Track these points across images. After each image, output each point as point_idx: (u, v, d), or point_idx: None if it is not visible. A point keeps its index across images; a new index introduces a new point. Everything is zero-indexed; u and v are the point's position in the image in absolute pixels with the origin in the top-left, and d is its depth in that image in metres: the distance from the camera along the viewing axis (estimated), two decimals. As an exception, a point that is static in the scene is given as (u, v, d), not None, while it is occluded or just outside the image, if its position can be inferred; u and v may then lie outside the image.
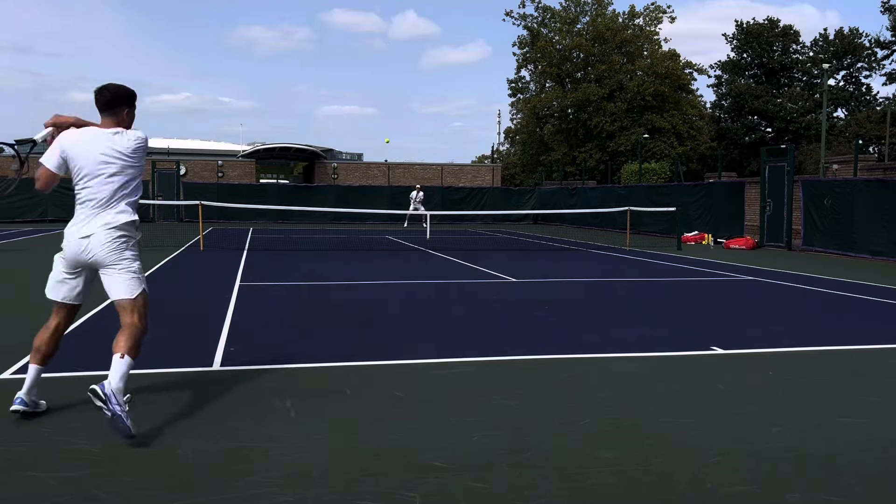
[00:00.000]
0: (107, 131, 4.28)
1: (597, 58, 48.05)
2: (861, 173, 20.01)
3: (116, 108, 4.34)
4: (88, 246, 4.16)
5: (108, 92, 4.31)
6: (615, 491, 3.39)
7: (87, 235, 4.16)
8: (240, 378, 5.37)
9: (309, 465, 3.64)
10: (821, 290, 10.92)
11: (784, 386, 5.28)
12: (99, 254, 4.16)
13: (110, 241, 4.17)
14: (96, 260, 4.18)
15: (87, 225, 4.19)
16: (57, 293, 4.33)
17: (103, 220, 4.18)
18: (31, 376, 4.29)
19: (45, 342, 4.35)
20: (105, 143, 4.23)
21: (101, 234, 4.15)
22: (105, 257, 4.17)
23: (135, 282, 4.26)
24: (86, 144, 4.23)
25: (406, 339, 6.93)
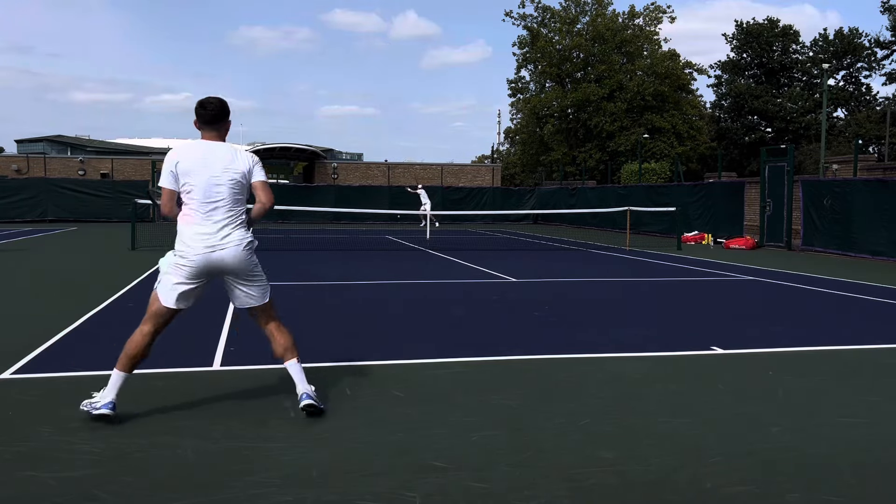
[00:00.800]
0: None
1: (597, 58, 48.05)
2: (861, 173, 20.01)
3: (223, 121, 4.44)
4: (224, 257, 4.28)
5: (214, 105, 4.39)
6: (615, 491, 3.39)
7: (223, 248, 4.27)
8: (240, 378, 5.37)
9: (309, 465, 3.64)
10: (821, 290, 10.92)
11: (784, 386, 5.28)
12: (235, 264, 4.32)
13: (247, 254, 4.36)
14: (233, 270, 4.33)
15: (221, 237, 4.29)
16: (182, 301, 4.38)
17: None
18: (120, 383, 4.29)
19: (144, 349, 4.39)
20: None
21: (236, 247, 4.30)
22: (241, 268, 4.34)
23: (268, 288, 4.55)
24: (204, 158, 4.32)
25: (406, 339, 6.93)
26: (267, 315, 4.50)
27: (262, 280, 4.47)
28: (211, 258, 4.23)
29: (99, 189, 32.59)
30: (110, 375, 4.36)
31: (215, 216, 4.27)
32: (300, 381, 4.39)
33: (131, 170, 38.83)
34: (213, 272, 4.29)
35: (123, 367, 4.31)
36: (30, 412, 4.46)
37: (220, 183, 4.27)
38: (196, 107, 4.39)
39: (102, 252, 16.35)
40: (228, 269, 4.29)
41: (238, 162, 4.36)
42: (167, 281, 4.33)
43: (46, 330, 6.90)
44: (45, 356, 5.94)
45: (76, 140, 66.44)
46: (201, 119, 4.38)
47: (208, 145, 4.36)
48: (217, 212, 4.27)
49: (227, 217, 4.29)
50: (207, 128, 4.40)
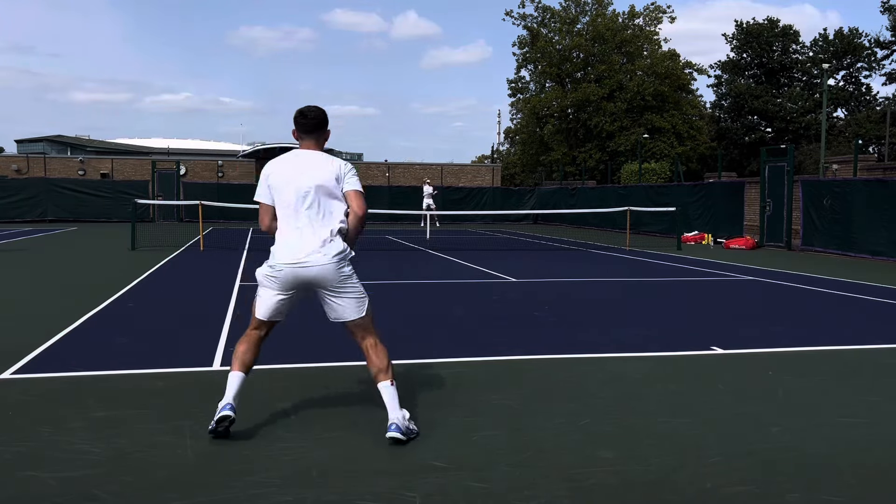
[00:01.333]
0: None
1: (597, 58, 48.04)
2: (861, 173, 20.01)
3: (322, 130, 4.32)
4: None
5: (315, 115, 4.27)
6: (615, 491, 3.39)
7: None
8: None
9: (309, 465, 3.64)
10: (821, 290, 10.92)
11: (784, 386, 5.28)
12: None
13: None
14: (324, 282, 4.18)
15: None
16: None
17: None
18: (232, 383, 4.14)
19: (246, 353, 4.26)
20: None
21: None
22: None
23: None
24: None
25: (406, 339, 6.93)
26: (363, 331, 4.28)
27: (357, 293, 4.24)
28: (298, 272, 4.09)
29: (99, 189, 32.59)
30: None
31: (303, 227, 4.12)
32: (391, 408, 4.10)
33: (131, 170, 38.81)
34: (302, 285, 4.15)
35: (233, 367, 4.19)
36: (30, 412, 4.46)
37: (308, 193, 4.12)
38: (296, 115, 4.26)
39: (102, 252, 16.35)
40: (316, 281, 4.12)
41: (327, 171, 4.16)
42: (261, 293, 4.25)
43: (46, 330, 6.91)
44: (45, 356, 5.94)
45: (76, 140, 66.47)
46: (301, 128, 4.26)
47: (301, 155, 4.24)
48: (304, 222, 4.12)
49: (316, 228, 4.12)
50: (306, 137, 4.26)
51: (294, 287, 4.17)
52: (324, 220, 4.15)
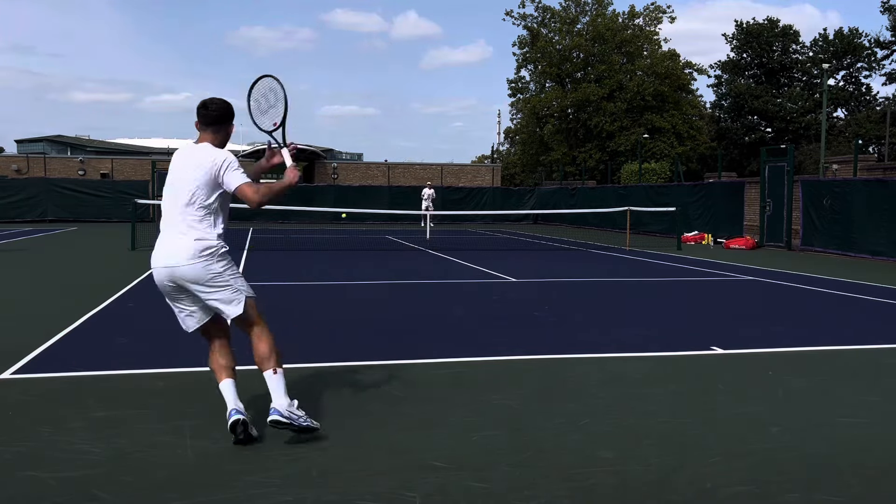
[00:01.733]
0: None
1: (597, 58, 48.03)
2: (861, 173, 20.01)
3: (223, 123, 4.19)
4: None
5: (217, 106, 4.16)
6: (615, 491, 3.39)
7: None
8: (239, 378, 5.35)
9: (309, 465, 3.64)
10: (821, 290, 10.91)
11: (784, 386, 5.27)
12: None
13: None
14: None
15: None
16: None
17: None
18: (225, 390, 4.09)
19: (211, 362, 4.24)
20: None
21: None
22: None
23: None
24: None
25: (405, 339, 6.93)
26: (246, 324, 4.12)
27: (231, 289, 4.04)
28: (169, 272, 3.99)
29: (99, 189, 32.60)
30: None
31: (172, 226, 4.03)
32: (275, 396, 3.97)
33: (131, 170, 38.82)
34: (178, 285, 4.01)
35: (219, 378, 4.15)
36: (30, 412, 4.46)
37: (181, 190, 4.00)
38: (198, 106, 4.15)
39: (102, 252, 16.35)
40: (188, 281, 3.97)
41: (204, 167, 3.98)
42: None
43: (46, 330, 6.90)
44: (45, 356, 5.94)
45: (76, 140, 66.49)
46: (201, 120, 4.15)
47: (188, 150, 4.11)
48: (174, 220, 4.03)
49: (183, 226, 3.99)
50: (204, 129, 4.15)
51: (174, 288, 4.04)
52: (193, 219, 3.99)
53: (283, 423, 3.89)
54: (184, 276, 3.97)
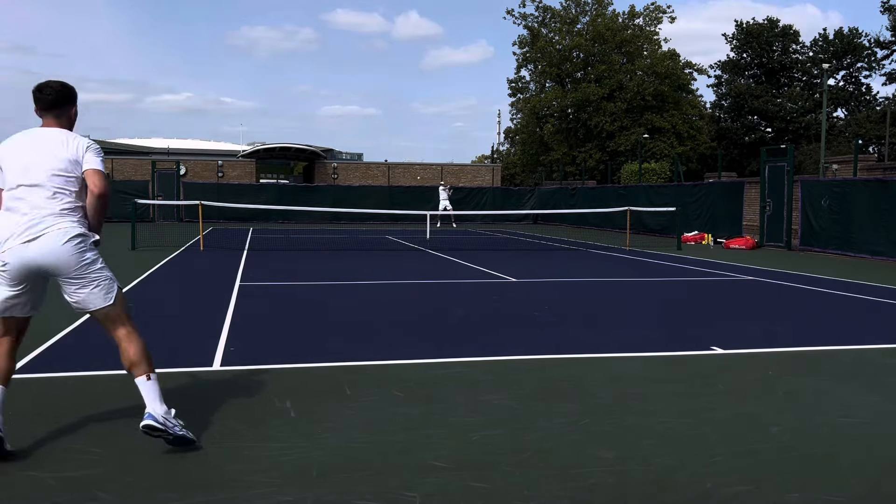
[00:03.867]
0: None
1: (597, 58, 48.04)
2: (861, 173, 20.00)
3: (64, 106, 3.96)
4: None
5: (52, 89, 3.92)
6: (615, 491, 3.39)
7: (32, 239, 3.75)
8: (240, 378, 5.37)
9: (309, 465, 3.64)
10: (821, 290, 10.91)
11: (784, 386, 5.28)
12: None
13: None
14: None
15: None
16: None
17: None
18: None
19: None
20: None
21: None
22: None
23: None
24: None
25: (406, 338, 6.93)
26: (111, 322, 3.90)
27: (100, 280, 3.87)
28: (25, 259, 3.70)
29: (99, 189, 32.55)
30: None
31: (31, 211, 3.75)
32: (148, 402, 3.79)
33: (131, 170, 38.83)
34: (34, 273, 3.75)
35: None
36: (30, 412, 4.46)
37: (38, 173, 3.77)
38: (34, 91, 3.90)
39: (102, 252, 16.31)
40: (50, 269, 3.74)
41: (62, 150, 3.83)
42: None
43: (46, 330, 6.90)
44: (45, 356, 5.94)
45: (76, 140, 66.29)
46: (38, 104, 3.90)
47: (35, 133, 3.91)
48: (34, 205, 3.76)
49: (46, 211, 3.75)
50: (45, 114, 3.93)
51: (26, 278, 3.76)
52: (56, 203, 3.79)
53: (157, 428, 3.71)
54: (48, 263, 3.77)
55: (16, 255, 3.71)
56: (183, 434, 3.80)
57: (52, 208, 3.78)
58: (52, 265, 3.75)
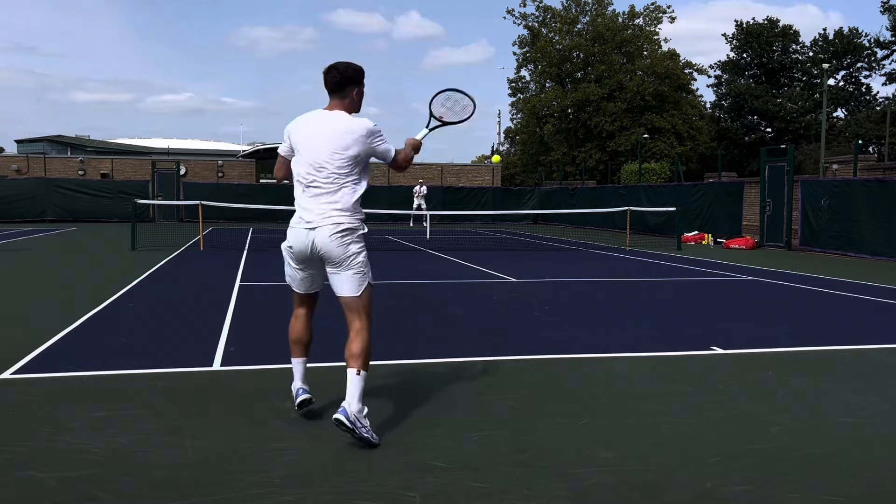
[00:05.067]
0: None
1: (597, 58, 48.03)
2: (861, 173, 20.01)
3: (346, 88, 4.17)
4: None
5: (337, 71, 4.14)
6: (615, 491, 3.39)
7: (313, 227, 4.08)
8: (240, 378, 5.37)
9: (309, 465, 3.64)
10: (821, 290, 10.92)
11: (784, 386, 5.28)
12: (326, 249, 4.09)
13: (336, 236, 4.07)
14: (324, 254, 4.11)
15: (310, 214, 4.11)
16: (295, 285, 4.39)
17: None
18: (298, 369, 4.42)
19: (299, 331, 4.50)
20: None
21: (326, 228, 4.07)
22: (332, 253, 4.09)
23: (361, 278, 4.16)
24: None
25: (406, 339, 6.93)
26: (354, 312, 4.16)
27: (356, 270, 4.09)
28: (306, 240, 4.08)
29: (99, 189, 32.59)
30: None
31: (313, 195, 4.08)
32: (349, 395, 3.99)
33: (131, 170, 38.82)
34: (310, 254, 4.11)
35: (292, 353, 4.46)
36: (30, 412, 4.46)
37: (321, 158, 4.04)
38: (323, 72, 4.17)
39: (102, 252, 16.35)
40: (320, 251, 4.06)
41: (347, 136, 4.03)
42: (286, 267, 4.34)
43: (46, 330, 6.90)
44: (45, 356, 5.94)
45: (76, 140, 66.48)
46: (325, 86, 4.17)
47: (321, 115, 4.15)
48: (316, 189, 4.07)
49: (325, 196, 4.05)
50: (330, 96, 4.19)
51: (305, 256, 4.14)
52: (333, 189, 4.05)
53: (345, 426, 3.85)
54: (321, 246, 4.12)
55: (299, 237, 4.10)
56: (367, 436, 3.88)
57: (329, 196, 4.05)
58: (324, 252, 4.07)
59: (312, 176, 4.08)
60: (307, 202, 4.09)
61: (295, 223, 4.15)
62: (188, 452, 3.80)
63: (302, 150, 4.12)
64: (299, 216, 4.13)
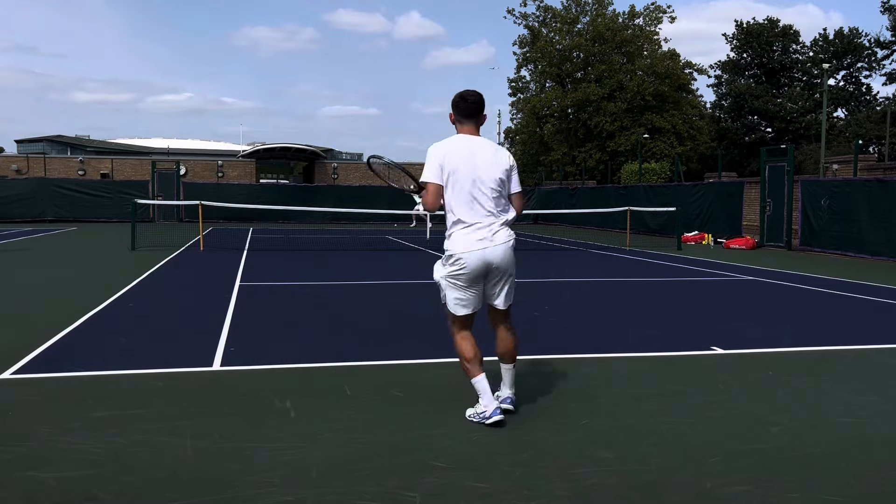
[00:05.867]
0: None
1: (597, 58, 48.01)
2: (861, 173, 20.01)
3: (480, 115, 4.40)
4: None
5: (475, 98, 4.36)
6: (615, 491, 3.39)
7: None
8: (240, 378, 5.37)
9: (309, 465, 3.64)
10: (821, 290, 10.92)
11: (784, 386, 5.28)
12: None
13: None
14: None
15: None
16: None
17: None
18: (485, 385, 4.35)
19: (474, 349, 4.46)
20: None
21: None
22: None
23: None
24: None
25: (406, 338, 6.93)
26: (506, 316, 4.55)
27: (513, 281, 4.49)
28: (486, 255, 4.23)
29: (99, 189, 32.61)
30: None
31: (486, 214, 4.27)
32: (509, 385, 4.57)
33: (131, 170, 38.84)
34: (484, 270, 4.28)
35: (477, 372, 4.37)
36: (30, 412, 4.46)
37: (488, 180, 4.24)
38: (456, 99, 4.35)
39: (102, 252, 16.35)
40: (497, 266, 4.29)
41: (501, 161, 4.32)
42: (451, 293, 4.36)
43: (46, 330, 6.91)
44: (45, 356, 5.94)
45: (76, 140, 66.44)
46: (461, 112, 4.35)
47: (472, 140, 4.32)
48: (488, 209, 4.27)
49: (497, 215, 4.31)
50: (466, 121, 4.35)
51: (479, 275, 4.28)
52: (501, 207, 4.33)
53: (511, 411, 4.41)
54: (501, 260, 4.37)
55: (478, 257, 4.24)
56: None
57: (498, 216, 4.33)
58: (502, 267, 4.32)
59: (485, 197, 4.26)
60: (484, 222, 4.26)
61: (469, 247, 4.23)
62: (188, 452, 3.80)
63: (467, 175, 4.23)
64: (475, 238, 4.24)
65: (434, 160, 4.25)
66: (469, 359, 4.35)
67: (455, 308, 4.36)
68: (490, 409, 4.20)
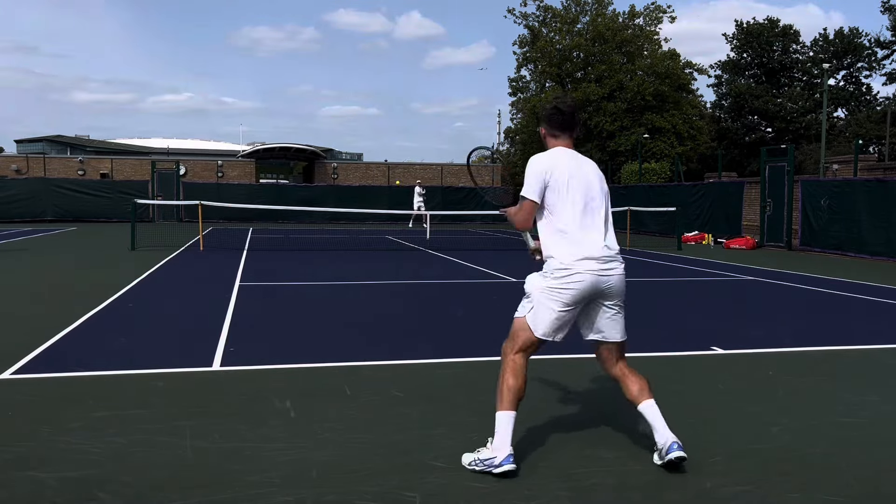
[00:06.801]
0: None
1: (597, 58, 48.02)
2: (861, 173, 20.01)
3: (577, 126, 3.98)
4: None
5: (573, 108, 3.95)
6: (615, 491, 3.39)
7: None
8: (240, 378, 5.37)
9: (309, 465, 3.64)
10: (821, 290, 10.91)
11: (784, 386, 5.28)
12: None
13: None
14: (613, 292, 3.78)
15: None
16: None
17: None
18: (511, 425, 3.69)
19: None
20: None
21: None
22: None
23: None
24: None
25: (406, 339, 6.93)
26: (621, 351, 3.91)
27: (623, 310, 3.86)
28: (599, 279, 3.69)
29: (99, 189, 32.60)
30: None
31: (599, 233, 3.78)
32: (663, 426, 3.72)
33: (131, 170, 38.83)
34: (592, 295, 3.73)
35: (509, 406, 3.74)
36: (30, 412, 4.46)
37: (598, 196, 3.82)
38: (551, 111, 3.91)
39: (102, 252, 16.34)
40: (609, 292, 3.75)
41: (601, 175, 3.97)
42: (541, 310, 3.77)
43: (46, 330, 6.90)
44: (45, 356, 5.94)
45: (76, 140, 66.47)
46: (558, 125, 3.91)
47: (577, 155, 3.93)
48: (600, 227, 3.80)
49: (608, 234, 3.82)
50: (563, 135, 3.93)
51: (585, 298, 3.74)
52: (609, 226, 3.87)
53: (684, 457, 3.58)
54: (613, 285, 3.80)
55: (591, 278, 3.69)
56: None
57: (612, 236, 3.85)
58: (615, 290, 3.76)
59: (595, 213, 3.82)
60: (596, 240, 3.76)
61: (584, 266, 3.68)
62: (188, 452, 3.80)
63: (579, 190, 3.79)
64: (584, 257, 3.69)
65: (538, 176, 3.78)
66: (512, 386, 3.77)
67: (537, 324, 3.79)
68: (502, 455, 3.56)
